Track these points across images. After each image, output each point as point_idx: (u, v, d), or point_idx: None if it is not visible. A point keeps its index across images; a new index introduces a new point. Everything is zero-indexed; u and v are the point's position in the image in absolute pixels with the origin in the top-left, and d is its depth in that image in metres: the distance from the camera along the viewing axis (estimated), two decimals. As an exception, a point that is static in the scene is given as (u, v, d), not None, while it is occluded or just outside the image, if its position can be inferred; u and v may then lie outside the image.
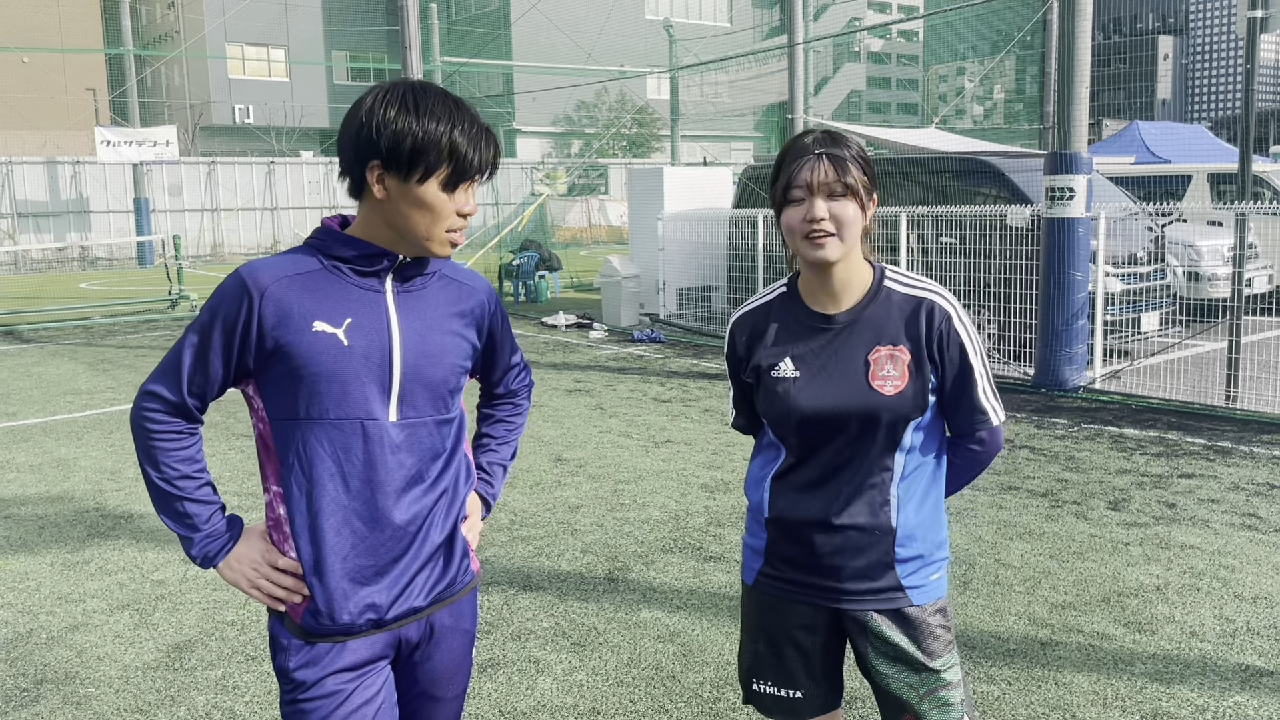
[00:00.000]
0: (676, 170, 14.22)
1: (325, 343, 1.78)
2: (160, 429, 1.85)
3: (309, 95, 42.71)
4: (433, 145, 1.75)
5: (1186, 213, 12.45)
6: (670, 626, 4.17)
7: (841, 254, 2.01)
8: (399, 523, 1.85)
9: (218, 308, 1.80)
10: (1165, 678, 3.69)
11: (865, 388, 2.01)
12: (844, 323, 2.07)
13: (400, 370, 1.83)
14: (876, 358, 2.03)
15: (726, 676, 3.75)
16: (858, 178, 1.99)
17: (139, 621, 4.32)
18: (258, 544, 1.88)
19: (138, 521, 5.64)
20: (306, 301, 1.79)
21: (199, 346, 1.81)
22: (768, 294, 2.20)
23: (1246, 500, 5.68)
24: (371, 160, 1.77)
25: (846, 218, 1.98)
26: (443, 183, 1.78)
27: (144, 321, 14.91)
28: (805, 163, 1.99)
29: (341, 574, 1.83)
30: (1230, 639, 3.98)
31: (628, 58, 33.70)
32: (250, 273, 1.80)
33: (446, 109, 1.77)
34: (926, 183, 10.86)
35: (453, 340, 1.92)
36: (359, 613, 1.84)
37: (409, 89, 1.79)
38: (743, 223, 12.22)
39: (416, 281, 1.89)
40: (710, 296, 13.35)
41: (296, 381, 1.79)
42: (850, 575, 2.07)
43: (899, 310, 2.05)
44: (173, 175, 30.33)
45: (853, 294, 2.07)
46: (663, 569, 4.80)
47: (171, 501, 1.86)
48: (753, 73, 33.58)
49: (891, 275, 2.10)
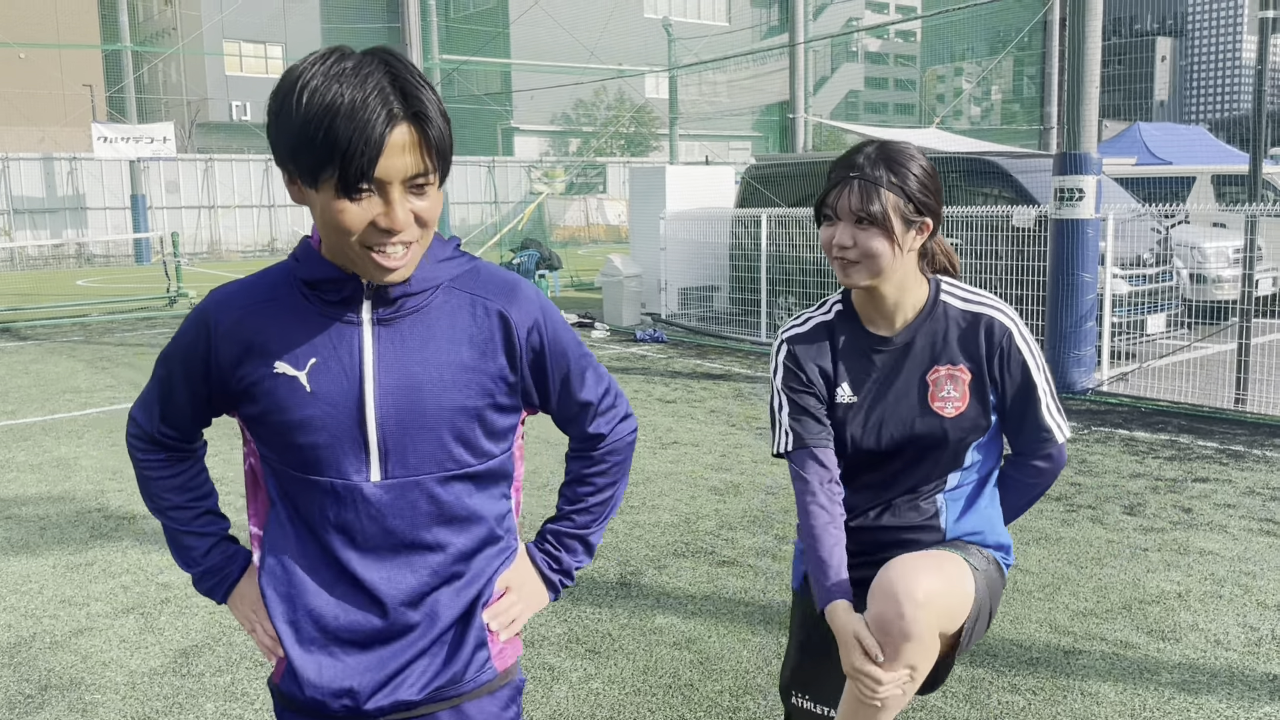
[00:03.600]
0: (679, 169, 14.15)
1: (287, 387, 1.47)
2: (144, 457, 1.66)
3: (306, 92, 42.62)
4: (310, 139, 1.32)
5: (1192, 214, 12.40)
6: (686, 633, 4.10)
7: (870, 281, 1.92)
8: (387, 599, 1.52)
9: (180, 339, 1.56)
10: (1192, 688, 3.62)
11: (925, 410, 1.94)
12: (899, 344, 1.97)
13: (377, 419, 1.47)
14: (935, 378, 1.94)
15: (745, 685, 3.68)
16: (893, 207, 1.85)
17: (145, 626, 4.25)
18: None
19: (141, 522, 5.55)
20: (269, 336, 1.48)
21: (166, 379, 1.59)
22: (824, 310, 2.09)
23: (1263, 505, 5.62)
24: (276, 156, 1.41)
25: (871, 248, 1.87)
26: (336, 189, 1.35)
27: (142, 319, 14.82)
28: (838, 183, 1.90)
29: (318, 644, 1.53)
30: (1255, 648, 3.92)
31: (626, 56, 33.61)
32: (212, 303, 1.53)
33: (344, 81, 1.32)
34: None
35: (458, 374, 1.50)
36: (333, 695, 1.53)
37: (324, 55, 1.37)
38: (746, 222, 12.15)
39: (406, 303, 1.49)
40: (712, 296, 13.29)
41: (265, 425, 1.51)
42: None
43: (956, 327, 1.96)
44: (170, 172, 30.20)
45: (906, 312, 1.98)
46: (675, 573, 4.73)
47: (169, 533, 1.67)
48: (751, 72, 33.51)
49: (948, 289, 2.00)
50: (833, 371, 2.00)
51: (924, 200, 1.89)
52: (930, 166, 1.92)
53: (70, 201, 29.24)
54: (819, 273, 11.28)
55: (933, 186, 1.90)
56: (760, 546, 5.08)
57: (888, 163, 1.87)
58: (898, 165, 1.87)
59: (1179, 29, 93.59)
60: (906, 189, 1.87)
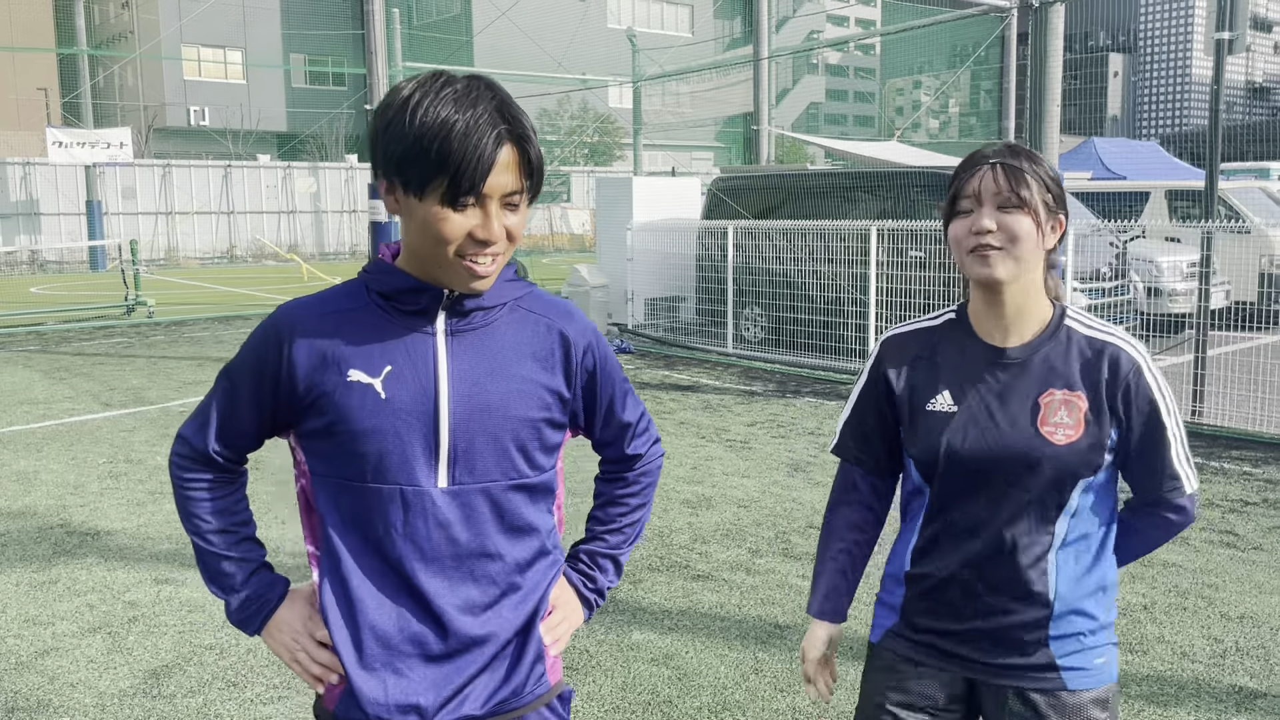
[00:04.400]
0: (646, 180, 14.20)
1: (360, 395, 1.51)
2: (189, 478, 1.65)
3: (266, 98, 42.20)
4: (423, 151, 1.41)
5: (1147, 229, 12.66)
6: (663, 649, 4.11)
7: (1012, 274, 1.77)
8: (451, 609, 1.54)
9: (250, 351, 1.59)
10: (1161, 700, 3.69)
11: (1032, 433, 1.76)
12: (1017, 358, 1.81)
13: (450, 426, 1.52)
14: (1049, 401, 1.77)
15: (724, 701, 3.69)
16: (1037, 192, 1.76)
17: (113, 645, 4.18)
18: (301, 610, 1.62)
19: (105, 539, 5.46)
20: (343, 346, 1.52)
21: (230, 392, 1.61)
22: (933, 318, 1.96)
23: (1223, 517, 5.74)
24: (378, 168, 1.49)
25: (1019, 231, 1.75)
26: (442, 198, 1.43)
27: (100, 328, 14.58)
28: (978, 171, 1.78)
29: (382, 662, 1.54)
30: (1221, 659, 4.00)
31: (590, 66, 33.65)
32: (285, 313, 1.57)
33: (457, 103, 1.42)
34: (896, 196, 10.93)
35: (524, 386, 1.57)
36: (398, 711, 1.53)
37: (429, 79, 1.46)
38: (712, 233, 12.21)
39: (477, 318, 1.56)
40: (679, 307, 13.34)
41: (332, 438, 1.53)
42: (996, 645, 1.82)
43: (1079, 352, 1.80)
44: (126, 178, 29.78)
45: (1029, 327, 1.82)
46: (650, 588, 4.74)
47: (205, 558, 1.65)
48: (714, 84, 33.70)
49: (1074, 315, 1.85)
50: (931, 378, 1.86)
51: (1059, 193, 1.80)
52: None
53: (24, 207, 28.73)
54: (786, 284, 11.36)
55: (1059, 186, 1.82)
56: (735, 560, 5.10)
57: (1023, 154, 1.80)
58: (1030, 158, 1.80)
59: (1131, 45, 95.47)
60: (1046, 178, 1.79)
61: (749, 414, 8.64)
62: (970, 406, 1.82)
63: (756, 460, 7.06)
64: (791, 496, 6.19)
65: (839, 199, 11.46)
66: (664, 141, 40.68)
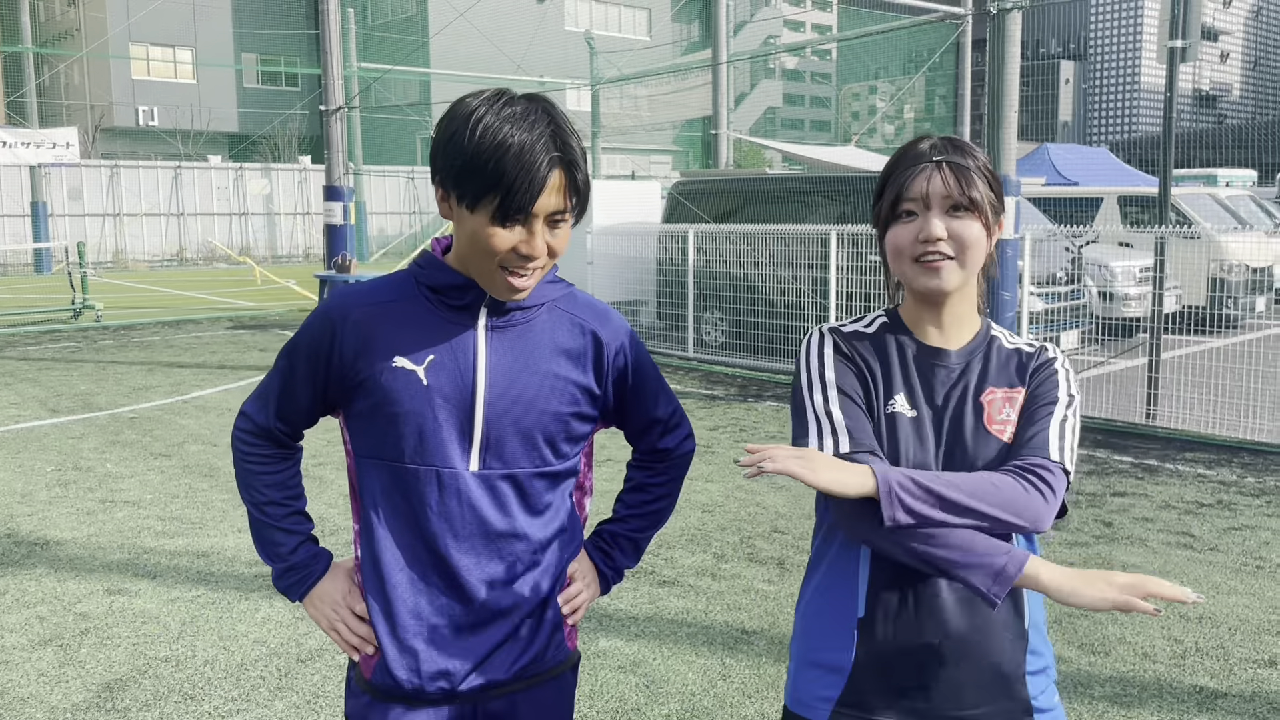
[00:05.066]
0: (606, 184, 14.16)
1: (404, 380, 1.63)
2: (250, 450, 1.78)
3: (217, 98, 41.57)
4: (479, 168, 1.52)
5: (1101, 234, 12.85)
6: (630, 656, 4.07)
7: (961, 282, 1.65)
8: (478, 583, 1.67)
9: (305, 334, 1.71)
10: (1124, 700, 3.72)
11: (985, 432, 1.65)
12: (959, 361, 1.70)
13: (484, 415, 1.64)
14: (991, 399, 1.68)
15: (692, 708, 3.67)
16: (984, 193, 1.63)
17: (64, 658, 4.06)
18: (342, 583, 1.75)
19: (55, 549, 5.32)
20: (391, 333, 1.64)
21: (286, 371, 1.73)
22: (864, 322, 1.78)
23: (1179, 519, 5.82)
24: (436, 176, 1.61)
25: (969, 238, 1.62)
26: (493, 215, 1.54)
27: (46, 332, 14.25)
28: (921, 171, 1.62)
29: (414, 632, 1.67)
30: (1181, 660, 4.05)
31: (548, 69, 33.59)
32: (337, 301, 1.70)
33: (515, 124, 1.52)
34: (855, 201, 11.00)
35: (554, 383, 1.68)
36: (430, 678, 1.67)
37: (494, 96, 1.56)
38: (673, 237, 12.21)
39: (516, 316, 1.68)
40: (639, 311, 13.32)
41: (376, 419, 1.65)
42: (974, 694, 1.61)
43: (1011, 353, 1.73)
44: (73, 178, 29.15)
45: (965, 331, 1.72)
46: (616, 595, 4.70)
47: (258, 526, 1.78)
48: (672, 87, 33.76)
49: (998, 330, 1.78)
50: (884, 379, 1.70)
51: (1000, 192, 1.68)
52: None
53: (-34, 208, 28.00)
54: (747, 288, 11.39)
55: (999, 182, 1.69)
56: (700, 565, 5.08)
57: (961, 149, 1.66)
58: (972, 153, 1.66)
59: (1081, 53, 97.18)
60: (988, 174, 1.66)
61: (711, 418, 8.64)
62: (924, 410, 1.67)
63: (720, 464, 7.05)
64: (755, 501, 6.19)
65: (799, 203, 11.51)
66: (623, 145, 40.66)
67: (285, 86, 43.17)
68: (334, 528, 5.54)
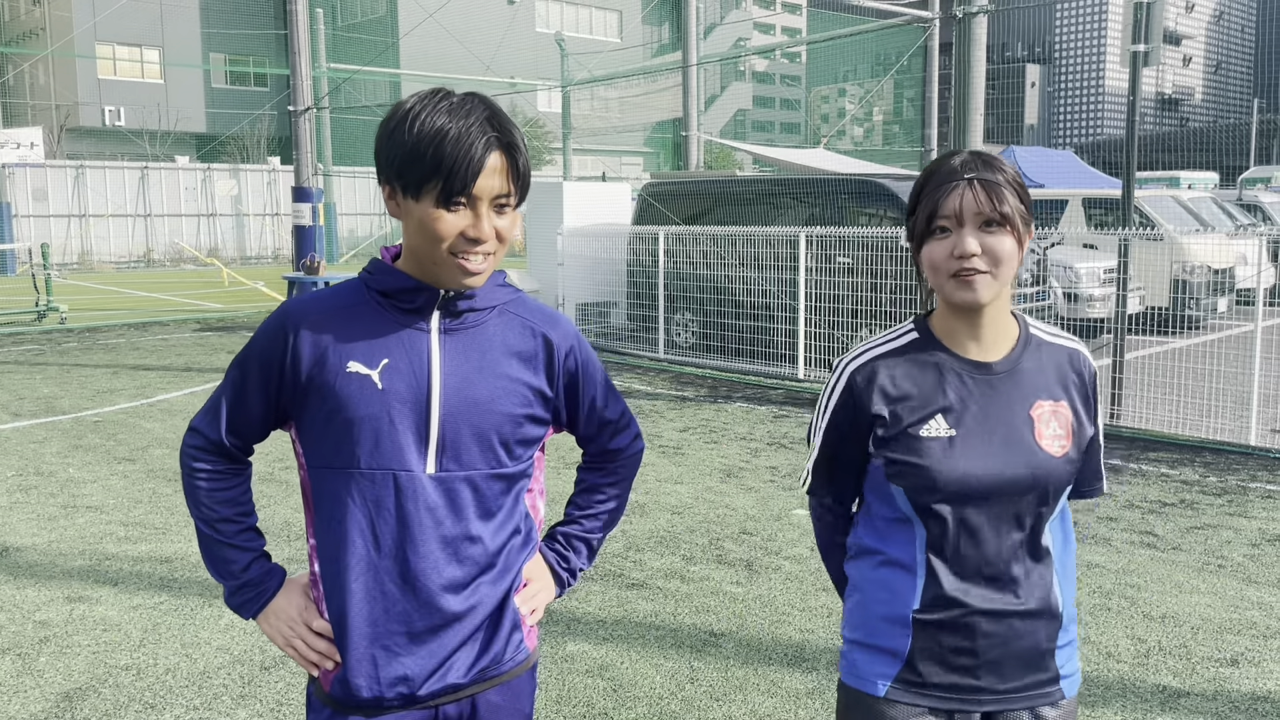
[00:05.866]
0: (576, 185, 14.15)
1: (359, 385, 1.64)
2: (200, 467, 1.75)
3: (185, 98, 41.16)
4: (419, 157, 1.57)
5: (1066, 236, 12.98)
6: (598, 659, 4.06)
7: (995, 295, 1.71)
8: (435, 588, 1.67)
9: (257, 343, 1.70)
10: (1089, 700, 3.76)
11: (1034, 448, 1.72)
12: (1003, 371, 1.76)
13: (439, 417, 1.65)
14: (1039, 414, 1.74)
15: (660, 711, 3.66)
16: (1015, 206, 1.69)
17: (22, 668, 3.99)
18: (297, 599, 1.74)
19: (14, 555, 5.24)
20: (343, 340, 1.66)
21: (238, 382, 1.72)
22: (893, 337, 1.83)
23: (1143, 518, 5.89)
24: (381, 175, 1.64)
25: (1003, 253, 1.68)
26: (436, 199, 1.58)
27: (9, 335, 14.04)
28: (954, 188, 1.69)
29: (370, 640, 1.67)
30: (1145, 659, 4.09)
31: (518, 70, 33.52)
32: (290, 309, 1.70)
33: (451, 113, 1.58)
34: (824, 203, 11.05)
35: (508, 384, 1.71)
36: (389, 685, 1.67)
37: (429, 94, 1.62)
38: (643, 239, 12.21)
39: (469, 318, 1.70)
40: (610, 312, 13.31)
41: (331, 426, 1.65)
42: (1015, 671, 1.77)
43: (1052, 361, 1.79)
44: (37, 179, 28.76)
45: (1005, 341, 1.78)
46: (585, 598, 4.69)
47: (208, 544, 1.76)
48: (643, 89, 33.80)
49: (1031, 322, 1.84)
50: (917, 402, 1.75)
51: (1028, 204, 1.74)
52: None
53: (-74, 208, 27.55)
54: (716, 290, 11.41)
55: (1027, 194, 1.75)
56: (669, 568, 5.08)
57: (992, 164, 1.72)
58: (1001, 168, 1.72)
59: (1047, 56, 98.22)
60: (1018, 187, 1.72)
61: (681, 419, 8.65)
62: (969, 428, 1.73)
63: (689, 466, 7.06)
64: (724, 502, 6.19)
65: (768, 205, 11.55)
66: (594, 146, 40.64)
67: (254, 87, 42.81)
68: (299, 533, 5.49)
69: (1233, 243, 13.47)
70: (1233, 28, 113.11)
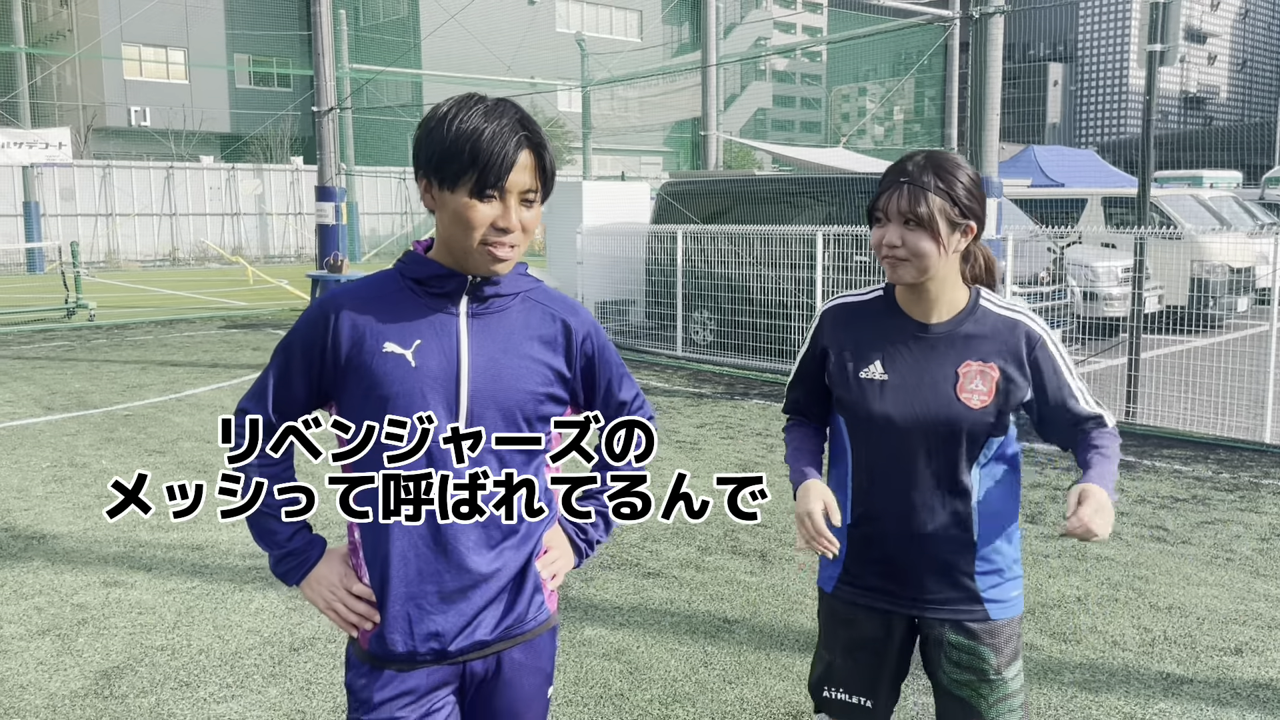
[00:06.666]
0: (596, 184, 14.28)
1: (394, 364, 1.79)
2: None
3: (210, 99, 41.55)
4: (457, 153, 1.72)
5: (1084, 235, 13.00)
6: (615, 644, 4.19)
7: (918, 278, 2.06)
8: (464, 551, 1.82)
9: (300, 329, 1.86)
10: (1093, 686, 3.85)
11: (952, 398, 2.07)
12: (940, 334, 2.11)
13: (468, 393, 1.80)
14: (966, 371, 2.08)
15: (674, 693, 3.78)
16: (938, 210, 2.01)
17: (62, 647, 4.16)
18: (338, 566, 1.89)
19: (51, 542, 5.41)
20: (380, 323, 1.81)
21: (283, 366, 1.86)
22: (865, 292, 2.24)
23: (1153, 513, 5.96)
24: (419, 170, 1.80)
25: (919, 248, 2.02)
26: (471, 190, 1.74)
27: (39, 331, 14.31)
28: (889, 188, 2.05)
29: (405, 600, 1.82)
30: (1150, 648, 4.18)
31: (539, 70, 33.68)
32: (330, 297, 1.85)
33: (486, 115, 1.74)
34: (841, 202, 11.13)
35: (530, 365, 1.86)
36: (422, 640, 1.82)
37: (465, 98, 1.78)
38: (662, 238, 12.33)
39: (494, 303, 1.86)
40: (628, 310, 13.43)
41: (368, 403, 1.80)
42: (932, 584, 2.14)
43: (994, 329, 2.11)
44: (65, 178, 29.16)
45: (950, 309, 2.12)
46: (602, 586, 4.81)
47: (255, 517, 1.88)
48: (662, 89, 33.87)
49: (987, 296, 2.16)
50: (864, 347, 2.14)
51: (968, 205, 2.05)
52: (975, 174, 2.10)
53: (-43, 208, 27.97)
54: (734, 288, 11.51)
55: (977, 193, 2.06)
56: (684, 558, 5.20)
57: (935, 170, 2.03)
58: (944, 172, 2.03)
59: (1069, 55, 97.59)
60: (953, 194, 2.02)
61: (698, 416, 8.76)
62: (899, 374, 2.10)
63: (705, 461, 7.17)
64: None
65: (786, 204, 11.64)
66: (613, 146, 40.76)
67: (277, 87, 43.16)
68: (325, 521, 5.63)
69: (1253, 242, 13.44)
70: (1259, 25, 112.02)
